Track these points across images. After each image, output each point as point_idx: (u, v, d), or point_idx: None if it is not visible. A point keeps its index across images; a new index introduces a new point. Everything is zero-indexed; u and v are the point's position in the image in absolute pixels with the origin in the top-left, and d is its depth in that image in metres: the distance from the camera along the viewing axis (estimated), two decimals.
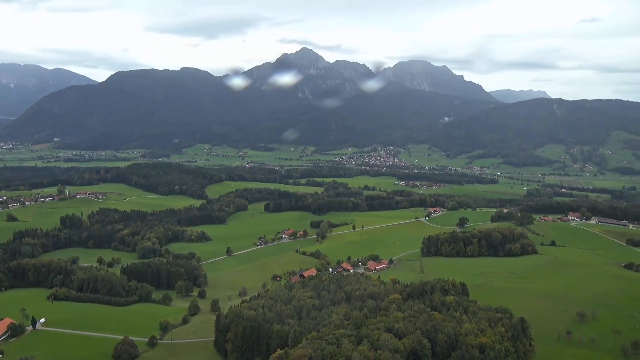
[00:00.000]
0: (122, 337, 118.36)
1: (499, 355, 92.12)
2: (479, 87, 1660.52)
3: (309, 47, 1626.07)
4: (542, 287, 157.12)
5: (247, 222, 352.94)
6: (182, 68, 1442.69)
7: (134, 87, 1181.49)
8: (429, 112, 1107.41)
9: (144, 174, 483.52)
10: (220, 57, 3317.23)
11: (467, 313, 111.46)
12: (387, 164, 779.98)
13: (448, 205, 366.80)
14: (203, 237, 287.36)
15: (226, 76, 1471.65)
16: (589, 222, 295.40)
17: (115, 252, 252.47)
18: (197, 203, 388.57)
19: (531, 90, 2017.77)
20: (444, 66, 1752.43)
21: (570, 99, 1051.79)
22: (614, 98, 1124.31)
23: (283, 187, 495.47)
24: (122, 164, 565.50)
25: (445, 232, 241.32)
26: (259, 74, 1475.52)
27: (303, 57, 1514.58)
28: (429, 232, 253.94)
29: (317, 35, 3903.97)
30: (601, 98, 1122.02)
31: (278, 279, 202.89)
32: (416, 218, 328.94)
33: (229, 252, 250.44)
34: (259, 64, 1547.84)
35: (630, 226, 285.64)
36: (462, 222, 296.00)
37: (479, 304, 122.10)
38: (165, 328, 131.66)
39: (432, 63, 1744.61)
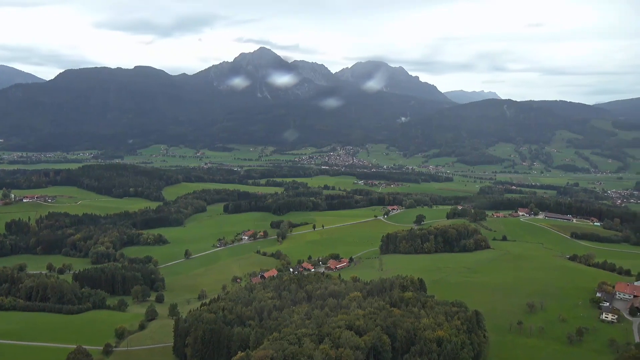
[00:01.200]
0: (74, 346, 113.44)
1: (455, 347, 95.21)
2: (433, 87, 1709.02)
3: (267, 47, 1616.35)
4: (495, 280, 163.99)
5: (205, 223, 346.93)
6: (135, 67, 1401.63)
7: (85, 86, 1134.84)
8: (387, 112, 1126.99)
9: (96, 176, 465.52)
10: (176, 55, 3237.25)
11: (425, 308, 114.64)
12: (346, 163, 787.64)
13: (406, 203, 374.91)
14: (160, 240, 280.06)
15: (182, 75, 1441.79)
16: (537, 217, 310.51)
17: (66, 258, 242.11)
18: (154, 205, 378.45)
19: (482, 91, 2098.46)
20: (400, 67, 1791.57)
21: (518, 100, 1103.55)
22: (558, 99, 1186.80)
23: (242, 188, 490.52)
24: (73, 166, 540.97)
25: (403, 230, 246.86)
26: (216, 73, 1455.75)
27: (261, 57, 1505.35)
28: (387, 230, 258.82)
29: (274, 35, 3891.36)
30: (546, 99, 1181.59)
31: (238, 280, 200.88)
32: (375, 216, 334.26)
33: (187, 254, 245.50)
34: (216, 63, 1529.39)
35: (574, 220, 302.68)
36: (420, 219, 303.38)
37: (436, 298, 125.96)
38: (121, 335, 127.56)
39: (389, 64, 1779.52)
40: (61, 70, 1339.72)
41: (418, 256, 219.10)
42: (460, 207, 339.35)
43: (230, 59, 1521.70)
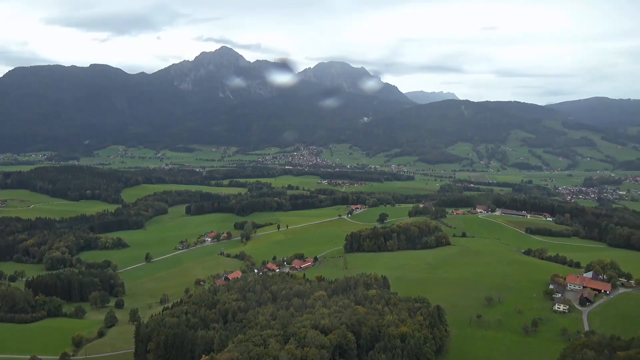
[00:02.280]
0: (29, 356, 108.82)
1: (418, 342, 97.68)
2: (394, 88, 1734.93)
3: (228, 46, 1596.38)
4: (455, 276, 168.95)
5: (167, 226, 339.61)
6: (91, 65, 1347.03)
7: (37, 85, 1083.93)
8: (349, 112, 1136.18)
9: (50, 178, 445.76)
10: (134, 54, 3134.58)
11: (389, 305, 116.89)
12: (310, 163, 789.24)
13: (369, 202, 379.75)
14: (119, 244, 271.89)
15: (141, 74, 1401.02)
16: (494, 213, 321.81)
17: (19, 265, 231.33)
18: (112, 208, 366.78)
19: (442, 92, 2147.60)
20: (362, 68, 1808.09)
21: (475, 101, 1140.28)
22: (512, 100, 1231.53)
23: (205, 189, 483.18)
24: (25, 168, 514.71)
25: (366, 229, 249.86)
26: (177, 72, 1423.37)
27: (223, 56, 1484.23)
28: (351, 229, 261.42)
29: (235, 34, 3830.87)
30: (501, 100, 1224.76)
31: (202, 283, 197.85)
32: (339, 216, 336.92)
33: (148, 258, 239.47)
34: (177, 62, 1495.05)
35: (528, 216, 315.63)
36: (383, 218, 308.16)
37: (399, 295, 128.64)
38: (78, 343, 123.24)
39: (351, 64, 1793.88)
40: (10, 68, 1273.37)
41: (382, 254, 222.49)
42: (421, 205, 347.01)
43: (191, 58, 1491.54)
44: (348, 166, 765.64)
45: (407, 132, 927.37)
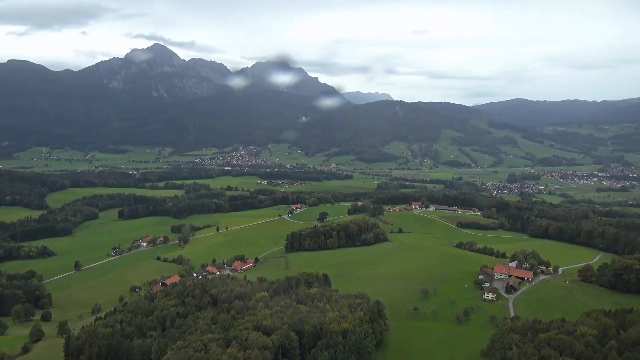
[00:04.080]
0: None
1: (359, 337, 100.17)
2: (332, 88, 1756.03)
3: (161, 44, 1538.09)
4: (393, 271, 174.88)
5: (98, 231, 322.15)
6: (9, 60, 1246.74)
7: None
8: (288, 112, 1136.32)
9: None
10: (57, 49, 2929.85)
11: (330, 302, 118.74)
12: (249, 163, 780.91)
13: (309, 201, 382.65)
14: (45, 253, 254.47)
15: (66, 71, 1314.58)
16: (428, 209, 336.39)
17: None
18: (36, 214, 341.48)
19: (377, 92, 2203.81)
20: (300, 68, 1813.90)
21: (409, 101, 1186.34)
22: (442, 101, 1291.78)
23: (139, 192, 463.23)
24: None
25: (307, 228, 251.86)
26: (106, 70, 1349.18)
27: (155, 54, 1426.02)
28: (292, 229, 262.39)
29: (167, 31, 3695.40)
30: (433, 101, 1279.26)
31: (137, 290, 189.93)
32: (279, 216, 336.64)
33: (77, 266, 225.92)
34: (105, 59, 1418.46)
35: (459, 211, 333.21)
36: (323, 216, 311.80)
37: (340, 292, 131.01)
38: None
39: (289, 65, 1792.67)
40: None
41: (322, 252, 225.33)
42: (360, 203, 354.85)
43: (122, 55, 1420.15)
44: (287, 166, 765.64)
45: (344, 131, 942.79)
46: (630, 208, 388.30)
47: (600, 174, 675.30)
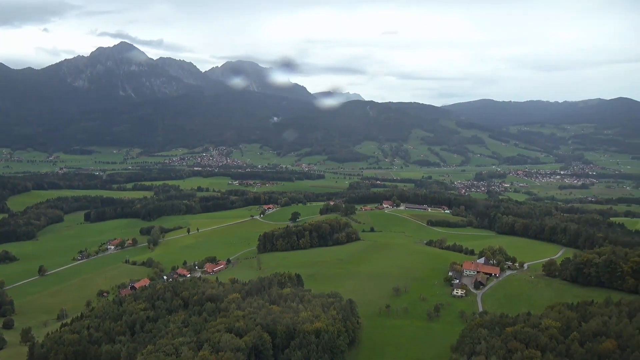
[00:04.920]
0: None
1: (332, 336, 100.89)
2: (303, 88, 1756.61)
3: (128, 42, 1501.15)
4: (365, 269, 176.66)
5: (63, 235, 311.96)
6: None
7: None
8: (259, 112, 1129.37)
9: None
10: (17, 47, 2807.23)
11: (303, 302, 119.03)
12: (220, 164, 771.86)
13: (281, 201, 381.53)
14: (6, 258, 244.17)
15: (28, 69, 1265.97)
16: (399, 208, 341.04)
17: None
18: None
19: (348, 92, 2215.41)
20: (271, 67, 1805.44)
21: (380, 102, 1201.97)
22: (412, 101, 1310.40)
23: (106, 194, 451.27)
24: None
25: (279, 228, 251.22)
26: (70, 68, 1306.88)
27: (122, 52, 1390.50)
28: (264, 229, 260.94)
29: (134, 29, 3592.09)
30: (403, 101, 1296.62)
31: (105, 294, 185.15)
32: (251, 216, 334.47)
33: (41, 271, 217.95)
34: (70, 57, 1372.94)
35: (429, 209, 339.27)
36: (295, 216, 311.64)
37: (313, 292, 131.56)
38: None
39: (259, 64, 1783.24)
40: None
41: (295, 252, 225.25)
42: (332, 203, 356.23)
43: (87, 53, 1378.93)
44: (259, 166, 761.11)
45: (316, 131, 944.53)
46: (590, 204, 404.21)
47: (562, 172, 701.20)
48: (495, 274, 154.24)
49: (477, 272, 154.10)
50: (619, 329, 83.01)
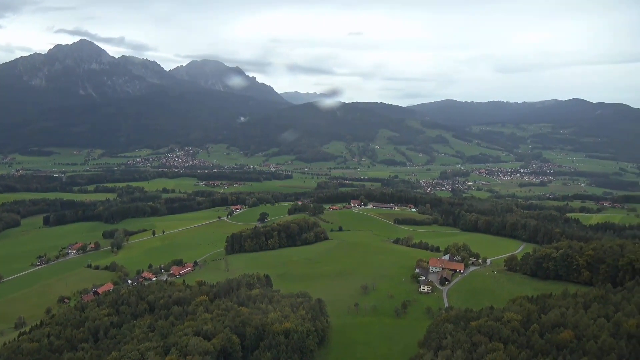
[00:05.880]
0: None
1: (302, 336, 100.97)
2: (270, 88, 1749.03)
3: (88, 39, 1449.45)
4: (334, 268, 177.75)
5: (20, 240, 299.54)
6: None
7: None
8: (226, 112, 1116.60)
9: None
10: None
11: (272, 303, 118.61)
12: (186, 164, 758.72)
13: (249, 202, 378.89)
14: None
15: None
16: (366, 207, 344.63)
17: None
18: None
19: (315, 92, 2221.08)
20: (237, 67, 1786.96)
21: (346, 102, 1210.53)
22: (378, 101, 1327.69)
23: (66, 196, 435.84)
24: None
25: (247, 229, 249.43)
26: (26, 66, 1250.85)
27: (82, 50, 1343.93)
28: (232, 230, 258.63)
29: (93, 27, 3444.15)
30: (369, 101, 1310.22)
31: (66, 301, 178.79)
32: (219, 217, 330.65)
33: None
34: (26, 55, 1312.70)
35: (396, 208, 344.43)
36: (263, 217, 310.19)
37: (282, 292, 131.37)
38: None
39: (225, 64, 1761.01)
40: None
41: (263, 253, 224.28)
42: (300, 203, 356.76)
43: (44, 51, 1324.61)
44: (226, 167, 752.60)
45: (283, 131, 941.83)
46: (548, 201, 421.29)
47: (522, 170, 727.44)
48: (460, 270, 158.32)
49: (443, 268, 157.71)
50: (576, 319, 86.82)
